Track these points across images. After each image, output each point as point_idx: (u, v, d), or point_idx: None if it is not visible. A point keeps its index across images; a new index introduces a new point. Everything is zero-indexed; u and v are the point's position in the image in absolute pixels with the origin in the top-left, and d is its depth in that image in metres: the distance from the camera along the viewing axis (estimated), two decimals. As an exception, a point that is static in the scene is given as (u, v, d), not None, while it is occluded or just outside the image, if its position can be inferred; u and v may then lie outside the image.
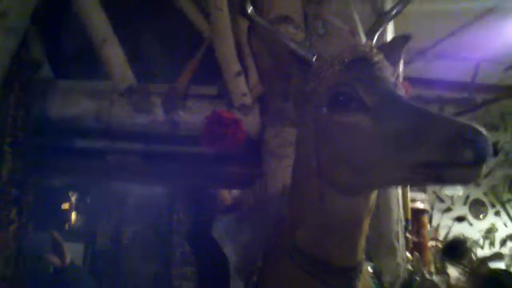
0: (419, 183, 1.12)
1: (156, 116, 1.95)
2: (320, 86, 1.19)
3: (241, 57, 1.99)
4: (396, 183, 1.19)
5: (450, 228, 6.16)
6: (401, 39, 1.41)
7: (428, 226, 3.47)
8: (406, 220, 2.26)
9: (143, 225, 3.29)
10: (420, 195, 3.05)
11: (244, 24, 1.98)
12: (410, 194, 2.47)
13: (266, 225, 1.56)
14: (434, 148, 0.97)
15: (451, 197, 6.19)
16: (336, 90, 1.15)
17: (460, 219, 6.77)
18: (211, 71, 2.01)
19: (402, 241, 2.05)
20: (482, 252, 6.87)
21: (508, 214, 7.18)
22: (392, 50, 1.34)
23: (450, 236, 6.26)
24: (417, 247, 2.91)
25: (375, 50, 1.24)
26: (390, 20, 1.44)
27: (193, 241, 2.60)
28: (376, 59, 1.21)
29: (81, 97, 1.97)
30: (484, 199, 7.16)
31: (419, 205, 3.02)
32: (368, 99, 1.11)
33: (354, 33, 1.22)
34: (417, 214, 2.93)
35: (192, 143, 1.98)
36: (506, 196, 7.17)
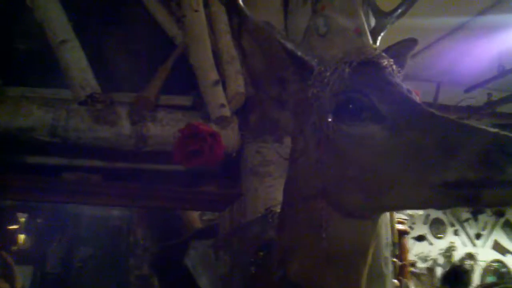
0: (446, 206, 0.96)
1: (121, 129, 1.73)
2: (324, 92, 1.04)
3: (218, 65, 1.79)
4: (416, 206, 1.03)
5: (410, 247, 6.15)
6: (409, 43, 1.27)
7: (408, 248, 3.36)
8: (393, 243, 2.11)
9: (97, 247, 3.08)
10: (399, 215, 2.95)
11: (222, 26, 1.80)
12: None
13: (247, 253, 1.40)
14: (468, 164, 0.85)
15: (411, 216, 6.21)
16: (344, 96, 1.01)
17: (420, 238, 6.87)
18: (184, 79, 1.81)
19: (390, 267, 1.89)
20: (441, 270, 6.99)
21: (466, 233, 7.35)
22: (398, 54, 1.18)
23: (413, 255, 6.28)
24: (401, 272, 2.76)
25: (383, 54, 1.09)
26: (394, 21, 1.29)
27: (159, 269, 2.35)
28: (386, 63, 1.05)
29: (33, 106, 1.72)
30: (444, 218, 7.32)
31: (400, 226, 2.90)
32: (382, 108, 0.98)
33: (360, 32, 1.07)
34: (399, 236, 2.80)
35: (162, 159, 1.81)
36: (464, 215, 7.35)
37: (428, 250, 7.03)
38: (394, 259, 2.10)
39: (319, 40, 1.12)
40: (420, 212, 6.61)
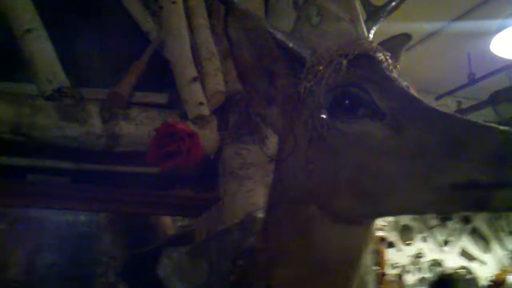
0: (452, 210, 0.89)
1: (91, 128, 1.59)
2: (318, 87, 0.97)
3: (197, 62, 1.69)
4: (417, 210, 0.97)
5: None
6: (402, 38, 1.21)
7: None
8: (374, 251, 2.05)
9: (63, 254, 2.85)
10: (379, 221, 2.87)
11: (201, 21, 1.70)
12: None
13: (226, 261, 1.35)
14: (478, 164, 0.79)
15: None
16: (340, 91, 0.95)
17: (390, 244, 6.92)
18: (160, 76, 1.70)
19: (372, 275, 1.82)
20: (411, 278, 7.06)
21: (434, 240, 7.43)
22: (391, 50, 1.11)
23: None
24: (380, 280, 2.70)
25: (379, 47, 1.02)
26: (386, 16, 1.23)
27: (128, 279, 2.22)
28: (383, 57, 0.99)
29: (-6, 102, 1.55)
30: (413, 224, 7.40)
31: (380, 232, 2.84)
32: (382, 103, 0.92)
33: (355, 23, 0.99)
34: (378, 243, 2.74)
35: (135, 161, 1.68)
36: (433, 221, 7.45)
37: (397, 257, 7.07)
38: (376, 267, 2.05)
39: (311, 31, 1.04)
40: (390, 218, 6.64)
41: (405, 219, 7.27)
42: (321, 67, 0.97)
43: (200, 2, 1.76)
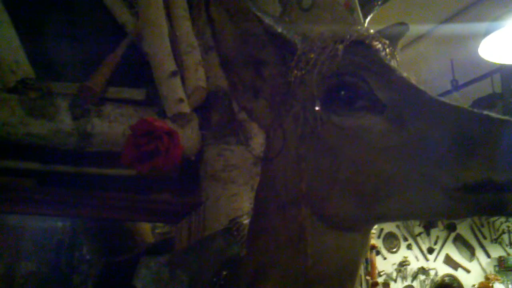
0: (462, 214, 0.82)
1: (61, 125, 1.48)
2: (310, 76, 0.89)
3: (176, 55, 1.59)
4: (422, 215, 0.88)
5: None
6: (399, 28, 1.13)
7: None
8: (365, 259, 1.96)
9: (40, 262, 2.81)
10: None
11: (181, 12, 1.60)
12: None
13: (209, 271, 1.27)
14: (493, 162, 0.72)
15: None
16: (336, 80, 0.87)
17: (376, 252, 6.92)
18: (137, 70, 1.59)
19: (364, 285, 1.74)
20: (396, 286, 7.13)
21: (419, 247, 7.49)
22: (388, 40, 1.02)
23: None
24: (371, 289, 2.63)
25: (378, 34, 0.93)
26: (381, 4, 1.14)
27: (103, 289, 2.09)
28: (382, 44, 0.93)
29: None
30: (397, 232, 7.45)
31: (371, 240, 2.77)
32: (382, 94, 0.84)
33: (351, 7, 0.91)
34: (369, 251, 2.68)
35: (109, 162, 1.57)
36: (417, 229, 7.50)
37: (382, 265, 7.08)
38: (368, 277, 1.97)
39: (302, 15, 0.96)
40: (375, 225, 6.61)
41: (390, 227, 7.29)
42: (313, 54, 0.89)
43: (180, -8, 1.67)
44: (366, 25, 1.10)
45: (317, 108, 0.86)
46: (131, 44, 1.65)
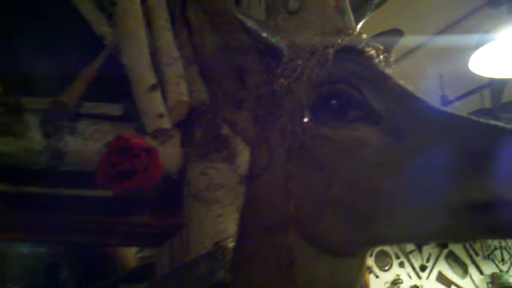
0: (469, 237, 0.74)
1: (31, 142, 1.40)
2: (298, 84, 0.82)
3: (157, 68, 1.51)
4: (425, 237, 0.81)
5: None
6: (394, 34, 1.07)
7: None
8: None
9: (26, 285, 2.82)
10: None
11: (162, 23, 1.53)
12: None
13: None
14: (504, 178, 0.65)
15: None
16: (326, 89, 0.80)
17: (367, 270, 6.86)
18: (115, 84, 1.51)
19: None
20: None
21: (411, 265, 7.43)
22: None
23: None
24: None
25: (371, 40, 0.87)
26: (374, 9, 1.08)
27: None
28: (376, 51, 0.86)
29: None
30: (389, 250, 7.41)
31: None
32: (378, 104, 0.77)
33: (342, 10, 0.84)
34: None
35: (84, 182, 1.48)
36: (409, 247, 7.45)
37: (374, 284, 7.00)
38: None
39: (289, 19, 0.89)
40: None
41: (381, 244, 7.23)
42: (301, 61, 0.82)
43: (161, 1, 1.60)
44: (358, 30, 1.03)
45: (305, 120, 0.79)
46: (109, 56, 1.58)
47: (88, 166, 1.43)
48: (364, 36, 0.88)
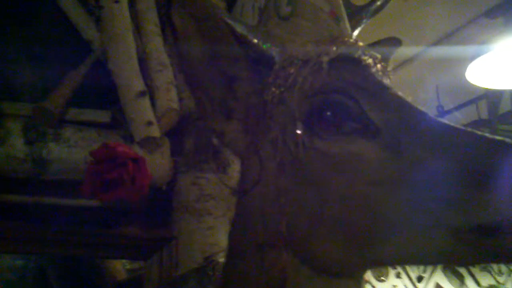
0: (474, 261, 0.69)
1: (12, 150, 1.33)
2: (290, 94, 0.77)
3: (146, 74, 1.45)
4: (429, 260, 0.76)
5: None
6: (391, 42, 1.02)
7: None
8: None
9: None
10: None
11: (151, 27, 1.48)
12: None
13: None
14: None
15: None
16: (320, 99, 0.76)
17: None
18: (102, 90, 1.45)
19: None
20: None
21: (408, 276, 7.35)
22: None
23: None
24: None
25: (368, 48, 0.82)
26: (370, 16, 1.03)
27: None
28: (371, 60, 0.82)
29: None
30: None
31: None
32: (376, 116, 0.73)
33: (337, 16, 0.80)
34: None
35: (69, 192, 1.40)
36: None
37: (371, 295, 6.92)
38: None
39: (281, 25, 0.85)
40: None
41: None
42: (293, 69, 0.78)
43: (150, 5, 1.55)
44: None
45: (298, 132, 0.74)
46: (97, 62, 1.52)
47: (73, 175, 1.35)
48: (361, 44, 0.83)
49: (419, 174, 0.66)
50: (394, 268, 7.27)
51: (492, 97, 4.27)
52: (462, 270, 7.80)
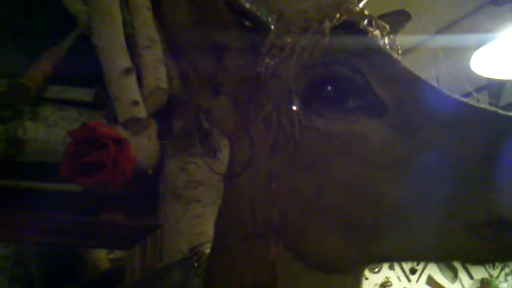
0: (489, 259, 0.62)
1: None
2: (286, 66, 0.70)
3: (133, 50, 1.39)
4: (440, 257, 0.68)
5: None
6: (400, 15, 0.96)
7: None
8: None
9: None
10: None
11: (141, 0, 1.40)
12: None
13: None
14: None
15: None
16: (321, 72, 0.67)
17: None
18: (86, 66, 1.38)
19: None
20: None
21: (401, 268, 7.45)
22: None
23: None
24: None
25: (375, 17, 0.74)
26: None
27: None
28: (378, 30, 0.73)
29: None
30: None
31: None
32: (383, 92, 0.65)
33: None
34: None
35: (47, 175, 1.34)
36: None
37: (363, 286, 7.00)
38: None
39: None
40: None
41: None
42: (291, 38, 0.70)
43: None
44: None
45: (294, 108, 0.66)
46: (81, 37, 1.44)
47: (51, 157, 1.29)
48: (367, 12, 0.75)
49: (432, 158, 0.58)
50: (391, 261, 7.41)
51: (494, 88, 4.24)
52: (456, 263, 7.88)
